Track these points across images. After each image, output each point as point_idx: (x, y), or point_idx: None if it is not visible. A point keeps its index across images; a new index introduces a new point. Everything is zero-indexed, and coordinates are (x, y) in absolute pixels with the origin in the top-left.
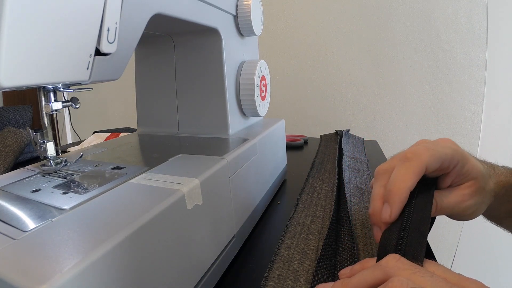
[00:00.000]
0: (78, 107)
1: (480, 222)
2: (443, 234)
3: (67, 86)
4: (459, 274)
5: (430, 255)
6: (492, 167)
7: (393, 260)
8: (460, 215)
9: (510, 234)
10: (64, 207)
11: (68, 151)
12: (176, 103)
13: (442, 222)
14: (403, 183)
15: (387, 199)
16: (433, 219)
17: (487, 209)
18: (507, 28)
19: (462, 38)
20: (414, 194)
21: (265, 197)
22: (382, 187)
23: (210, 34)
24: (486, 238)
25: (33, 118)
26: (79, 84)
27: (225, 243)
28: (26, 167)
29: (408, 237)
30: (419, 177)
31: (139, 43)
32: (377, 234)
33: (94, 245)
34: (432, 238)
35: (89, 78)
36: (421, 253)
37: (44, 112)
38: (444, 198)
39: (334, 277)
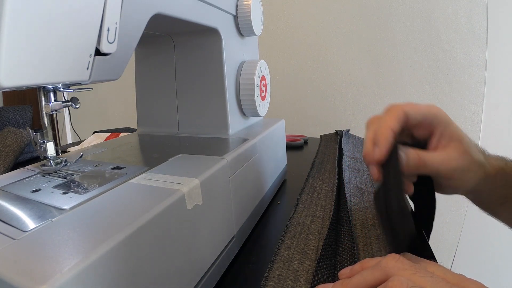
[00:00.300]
0: (78, 107)
1: (480, 222)
2: (443, 234)
3: (67, 86)
4: (459, 274)
5: (430, 255)
6: (482, 149)
7: (393, 261)
8: (447, 179)
9: (509, 231)
10: (64, 207)
11: (68, 151)
12: (176, 103)
13: (442, 222)
14: (386, 124)
15: (375, 141)
16: (433, 212)
17: (480, 196)
18: (507, 28)
19: (462, 38)
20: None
21: (265, 197)
22: (371, 132)
23: (210, 34)
24: (486, 238)
25: (33, 118)
26: (79, 84)
27: (225, 243)
28: (26, 167)
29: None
30: (400, 120)
31: (139, 43)
32: (373, 171)
33: (94, 245)
34: (432, 238)
35: (89, 78)
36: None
37: (44, 112)
38: (429, 154)
39: (334, 277)
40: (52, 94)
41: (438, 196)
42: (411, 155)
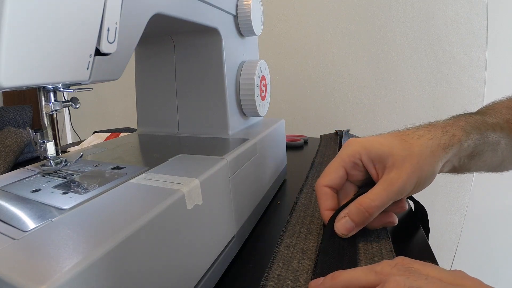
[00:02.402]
0: (78, 107)
1: (480, 222)
2: (443, 234)
3: (67, 86)
4: (455, 271)
5: (430, 256)
6: (428, 126)
7: (388, 267)
8: (402, 195)
9: (509, 231)
10: (64, 207)
11: (68, 151)
12: (176, 103)
13: (442, 222)
14: (320, 209)
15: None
16: (426, 218)
17: (449, 167)
18: (507, 28)
19: (462, 38)
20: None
21: (265, 197)
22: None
23: (210, 34)
24: (486, 238)
25: (33, 118)
26: (79, 84)
27: (225, 243)
28: (26, 167)
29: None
30: (328, 195)
31: (139, 43)
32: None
33: (94, 245)
34: (432, 238)
35: (89, 78)
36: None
37: (44, 112)
38: (369, 195)
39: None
40: (52, 94)
41: (438, 196)
42: (353, 210)
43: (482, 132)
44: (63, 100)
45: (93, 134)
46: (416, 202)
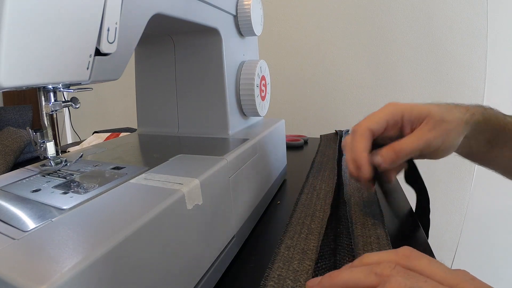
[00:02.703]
0: (78, 107)
1: (480, 222)
2: (443, 234)
3: (67, 86)
4: (458, 272)
5: (430, 256)
6: (455, 104)
7: (388, 269)
8: (427, 149)
9: (509, 232)
10: (64, 207)
11: (68, 151)
12: (176, 103)
13: (442, 222)
14: (358, 148)
15: (357, 165)
16: (427, 199)
17: (470, 148)
18: (507, 28)
19: (462, 38)
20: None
21: (265, 197)
22: (349, 154)
23: (210, 34)
24: (486, 238)
25: (33, 118)
26: (79, 84)
27: (225, 243)
28: (26, 167)
29: None
30: (368, 138)
31: (139, 43)
32: (366, 185)
33: (94, 245)
34: (432, 238)
35: (89, 78)
36: None
37: (44, 112)
38: (402, 141)
39: None
40: (52, 94)
41: (438, 196)
42: (385, 151)
43: (501, 122)
44: (63, 100)
45: (93, 134)
46: (421, 185)
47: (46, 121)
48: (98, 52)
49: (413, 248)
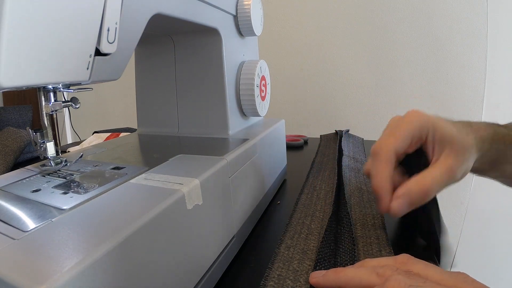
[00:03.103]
0: (78, 107)
1: (480, 222)
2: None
3: (67, 86)
4: (456, 274)
5: (430, 256)
6: (468, 124)
7: (390, 270)
8: (451, 182)
9: (509, 231)
10: (64, 207)
11: (68, 151)
12: (176, 103)
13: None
14: (378, 177)
15: (376, 196)
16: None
17: (475, 167)
18: (507, 28)
19: (462, 38)
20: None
21: (265, 197)
22: (373, 181)
23: (210, 34)
24: (486, 238)
25: (33, 118)
26: (79, 84)
27: (225, 243)
28: (26, 167)
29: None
30: (392, 163)
31: (139, 43)
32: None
33: (94, 245)
34: None
35: (89, 78)
36: None
37: (44, 112)
38: (429, 176)
39: None
40: (52, 94)
41: (438, 196)
42: (415, 190)
43: (507, 144)
44: (63, 100)
45: (93, 134)
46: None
47: (46, 121)
48: (98, 52)
49: (411, 256)
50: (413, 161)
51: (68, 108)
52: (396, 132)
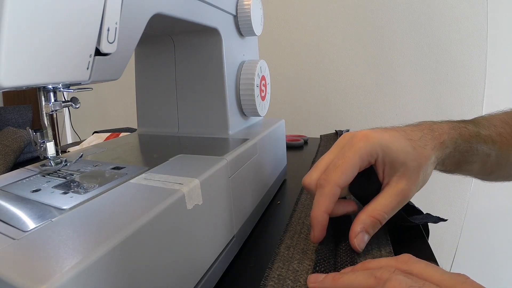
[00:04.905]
0: (78, 107)
1: (480, 222)
2: (443, 234)
3: (67, 86)
4: (456, 275)
5: (430, 256)
6: (429, 130)
7: (388, 273)
8: (405, 203)
9: (510, 231)
10: (64, 207)
11: (68, 151)
12: (176, 103)
13: (441, 223)
14: (318, 209)
15: (311, 225)
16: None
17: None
18: (507, 29)
19: (462, 38)
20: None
21: (265, 197)
22: (311, 215)
23: (210, 34)
24: (486, 238)
25: (33, 118)
26: (79, 84)
27: (225, 243)
28: (26, 167)
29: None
30: (335, 197)
31: (139, 43)
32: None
33: (94, 245)
34: (432, 238)
35: (89, 78)
36: None
37: (44, 112)
38: (379, 204)
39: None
40: (52, 94)
41: (438, 196)
42: (369, 224)
43: (473, 144)
44: (63, 100)
45: (93, 134)
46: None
47: (46, 121)
48: (98, 52)
49: (412, 255)
50: (363, 178)
51: (68, 108)
52: (343, 163)
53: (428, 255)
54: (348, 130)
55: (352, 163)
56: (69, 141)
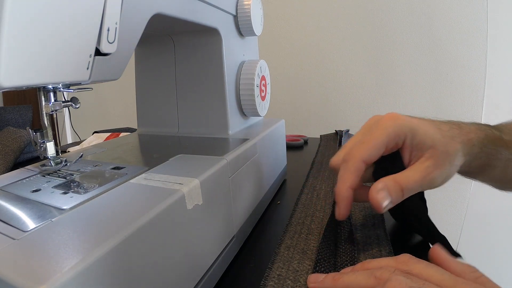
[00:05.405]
0: (78, 107)
1: (480, 222)
2: (443, 234)
3: (67, 86)
4: (467, 266)
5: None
6: (457, 126)
7: (388, 272)
8: (430, 186)
9: (509, 232)
10: (64, 207)
11: (68, 151)
12: (176, 103)
13: (442, 223)
14: (342, 184)
15: (336, 201)
16: (425, 205)
17: (464, 170)
18: (507, 28)
19: (462, 38)
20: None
21: (265, 197)
22: (335, 190)
23: (210, 34)
24: (486, 238)
25: (33, 118)
26: (79, 84)
27: (225, 243)
28: (26, 167)
29: None
30: (360, 173)
31: (139, 43)
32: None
33: (94, 245)
34: None
35: (89, 78)
36: None
37: (44, 112)
38: (407, 177)
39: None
40: (52, 94)
41: (438, 196)
42: (392, 186)
43: (498, 147)
44: (63, 100)
45: (93, 134)
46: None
47: (46, 121)
48: (98, 52)
49: (412, 255)
50: (387, 163)
51: (68, 108)
52: (370, 140)
53: (428, 255)
54: (348, 130)
55: (379, 140)
56: (69, 141)
